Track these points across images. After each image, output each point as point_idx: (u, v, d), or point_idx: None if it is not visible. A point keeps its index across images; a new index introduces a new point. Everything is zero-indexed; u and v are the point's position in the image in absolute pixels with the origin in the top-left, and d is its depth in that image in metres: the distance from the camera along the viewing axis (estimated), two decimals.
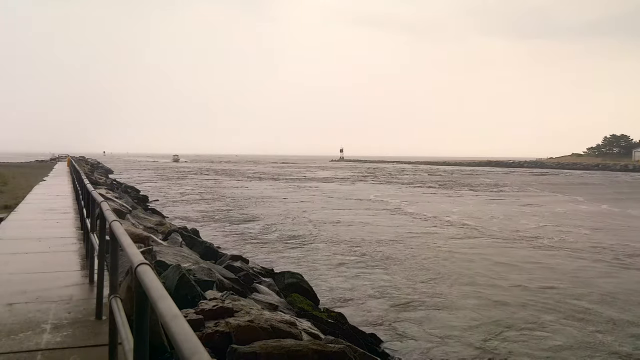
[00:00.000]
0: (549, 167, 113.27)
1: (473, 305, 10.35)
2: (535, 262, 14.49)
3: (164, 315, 1.58)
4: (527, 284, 12.02)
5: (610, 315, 9.70)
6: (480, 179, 63.19)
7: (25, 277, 6.18)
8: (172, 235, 12.30)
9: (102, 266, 4.86)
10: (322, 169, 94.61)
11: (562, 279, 12.60)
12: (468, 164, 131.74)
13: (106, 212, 4.14)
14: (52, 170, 40.51)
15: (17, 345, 4.05)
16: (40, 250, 7.88)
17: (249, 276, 9.32)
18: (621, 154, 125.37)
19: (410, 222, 22.87)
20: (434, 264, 14.08)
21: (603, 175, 77.82)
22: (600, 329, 9.00)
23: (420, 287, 11.68)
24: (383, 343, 8.16)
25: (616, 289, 11.59)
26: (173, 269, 6.41)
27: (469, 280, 12.38)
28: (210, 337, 5.06)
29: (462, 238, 18.69)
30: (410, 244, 17.29)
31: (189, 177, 61.23)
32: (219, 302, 5.82)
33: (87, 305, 5.11)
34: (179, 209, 26.95)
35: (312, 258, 14.72)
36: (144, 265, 2.12)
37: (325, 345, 5.36)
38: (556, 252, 16.18)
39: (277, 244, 17.03)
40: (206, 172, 76.03)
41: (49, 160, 79.07)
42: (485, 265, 14.12)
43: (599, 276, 12.92)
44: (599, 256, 15.49)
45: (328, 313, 8.47)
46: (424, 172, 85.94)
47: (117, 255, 3.60)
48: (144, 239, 9.05)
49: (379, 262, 14.32)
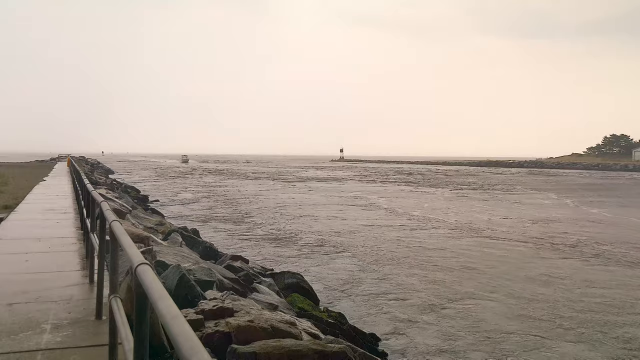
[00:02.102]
0: (549, 167, 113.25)
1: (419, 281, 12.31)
2: (474, 248, 16.78)
3: (164, 315, 1.58)
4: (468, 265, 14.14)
5: (513, 286, 11.99)
6: (469, 179, 64.63)
7: (26, 277, 6.18)
8: (172, 235, 12.31)
9: (102, 266, 4.86)
10: (320, 169, 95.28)
11: (488, 262, 14.67)
12: (468, 163, 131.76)
13: (106, 212, 4.14)
14: (52, 170, 40.50)
15: (17, 345, 4.05)
16: (40, 250, 7.88)
17: (249, 276, 9.32)
18: (621, 154, 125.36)
19: (379, 216, 25.22)
20: (383, 251, 16.08)
21: (599, 175, 78.26)
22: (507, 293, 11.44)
23: (369, 274, 13.09)
24: (383, 342, 8.18)
25: (525, 268, 13.88)
26: (173, 269, 6.41)
27: (396, 260, 14.69)
28: (210, 337, 5.07)
29: (415, 229, 20.89)
30: (369, 234, 19.50)
31: (189, 177, 61.35)
32: (219, 302, 5.82)
33: (87, 305, 5.11)
34: (179, 209, 26.97)
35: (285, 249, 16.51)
36: (144, 265, 2.12)
37: (325, 345, 5.36)
38: (492, 241, 18.26)
39: (265, 239, 18.17)
40: (212, 172, 76.16)
41: (49, 160, 79.08)
42: (417, 251, 16.20)
43: (521, 260, 15.04)
44: (527, 244, 17.56)
45: (328, 313, 8.48)
46: (420, 172, 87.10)
47: (117, 255, 3.60)
48: (144, 239, 9.05)
49: (335, 248, 16.55)
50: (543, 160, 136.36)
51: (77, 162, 38.61)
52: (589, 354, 7.94)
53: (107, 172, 59.78)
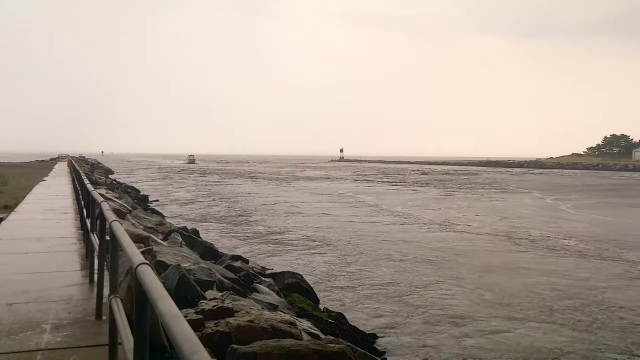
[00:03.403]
0: (549, 167, 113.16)
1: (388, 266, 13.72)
2: (446, 242, 17.98)
3: (164, 315, 1.58)
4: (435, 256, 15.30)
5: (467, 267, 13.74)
6: (461, 178, 66.11)
7: (26, 277, 6.18)
8: (172, 235, 12.30)
9: (102, 266, 4.86)
10: (319, 169, 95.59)
11: (451, 249, 16.29)
12: (468, 163, 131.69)
13: (106, 212, 4.14)
14: (52, 170, 40.50)
15: (17, 345, 4.05)
16: (40, 250, 7.88)
17: (249, 276, 9.32)
18: (621, 154, 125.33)
19: (365, 212, 26.82)
20: (361, 243, 17.39)
21: (595, 175, 78.61)
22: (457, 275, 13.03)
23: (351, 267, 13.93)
24: (382, 342, 8.17)
25: (480, 256, 15.45)
26: (173, 269, 6.40)
27: (361, 248, 16.36)
28: (210, 337, 5.06)
29: (396, 224, 22.41)
30: (350, 227, 20.95)
31: (190, 177, 61.40)
32: (219, 302, 5.82)
33: (87, 305, 5.11)
34: (179, 209, 26.97)
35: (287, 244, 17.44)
36: (144, 265, 2.12)
37: (325, 345, 5.36)
38: (458, 234, 19.62)
39: (265, 238, 18.47)
40: (218, 172, 76.18)
41: (49, 160, 79.06)
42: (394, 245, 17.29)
43: (479, 250, 16.51)
44: (490, 237, 18.94)
45: (328, 313, 8.48)
46: (416, 171, 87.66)
47: (117, 255, 3.60)
48: (144, 239, 9.05)
49: (320, 242, 17.58)
50: (543, 160, 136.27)
51: (77, 162, 38.60)
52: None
53: (107, 172, 59.79)
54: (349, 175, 69.75)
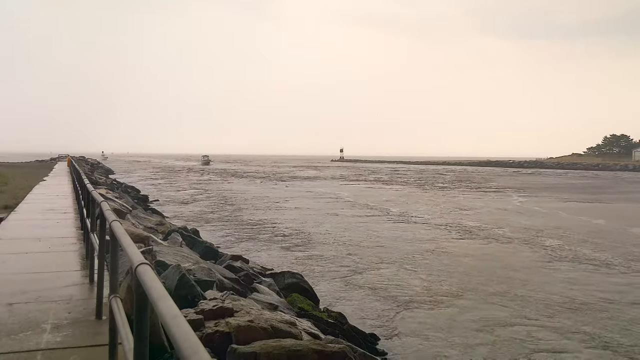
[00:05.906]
0: (549, 167, 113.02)
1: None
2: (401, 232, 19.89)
3: (164, 315, 1.58)
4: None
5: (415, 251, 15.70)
6: (447, 177, 68.03)
7: (26, 277, 6.18)
8: (172, 235, 12.29)
9: (102, 266, 4.86)
10: (316, 169, 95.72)
11: (405, 239, 18.10)
12: (468, 163, 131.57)
13: (106, 212, 4.14)
14: (52, 170, 40.49)
15: (17, 345, 4.05)
16: (40, 250, 7.88)
17: (249, 276, 9.32)
18: (621, 154, 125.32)
19: (342, 207, 28.84)
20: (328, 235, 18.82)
21: (591, 175, 78.74)
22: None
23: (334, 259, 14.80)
24: (382, 342, 8.17)
25: (432, 244, 17.20)
26: (173, 269, 6.40)
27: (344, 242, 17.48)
28: (210, 337, 5.06)
29: (369, 216, 24.80)
30: (329, 221, 22.77)
31: (184, 176, 61.48)
32: (219, 302, 5.82)
33: (87, 305, 5.11)
34: (179, 209, 26.96)
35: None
36: (144, 265, 2.12)
37: (325, 345, 5.36)
38: (418, 226, 21.57)
39: (265, 238, 18.13)
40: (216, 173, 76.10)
41: (49, 160, 79.05)
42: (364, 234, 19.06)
43: (431, 240, 18.17)
44: (444, 230, 20.57)
45: (328, 313, 8.48)
46: (413, 171, 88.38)
47: (117, 255, 3.60)
48: (144, 239, 9.05)
49: (320, 242, 17.97)
50: (543, 161, 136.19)
51: (77, 162, 38.60)
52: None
53: (107, 172, 59.80)
54: (345, 176, 70.04)
